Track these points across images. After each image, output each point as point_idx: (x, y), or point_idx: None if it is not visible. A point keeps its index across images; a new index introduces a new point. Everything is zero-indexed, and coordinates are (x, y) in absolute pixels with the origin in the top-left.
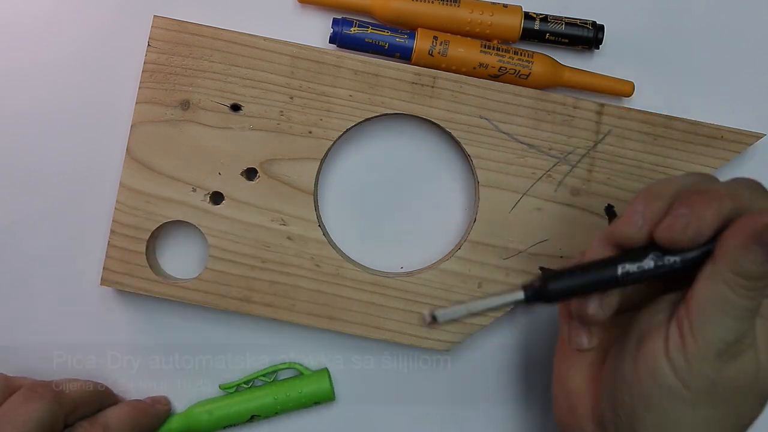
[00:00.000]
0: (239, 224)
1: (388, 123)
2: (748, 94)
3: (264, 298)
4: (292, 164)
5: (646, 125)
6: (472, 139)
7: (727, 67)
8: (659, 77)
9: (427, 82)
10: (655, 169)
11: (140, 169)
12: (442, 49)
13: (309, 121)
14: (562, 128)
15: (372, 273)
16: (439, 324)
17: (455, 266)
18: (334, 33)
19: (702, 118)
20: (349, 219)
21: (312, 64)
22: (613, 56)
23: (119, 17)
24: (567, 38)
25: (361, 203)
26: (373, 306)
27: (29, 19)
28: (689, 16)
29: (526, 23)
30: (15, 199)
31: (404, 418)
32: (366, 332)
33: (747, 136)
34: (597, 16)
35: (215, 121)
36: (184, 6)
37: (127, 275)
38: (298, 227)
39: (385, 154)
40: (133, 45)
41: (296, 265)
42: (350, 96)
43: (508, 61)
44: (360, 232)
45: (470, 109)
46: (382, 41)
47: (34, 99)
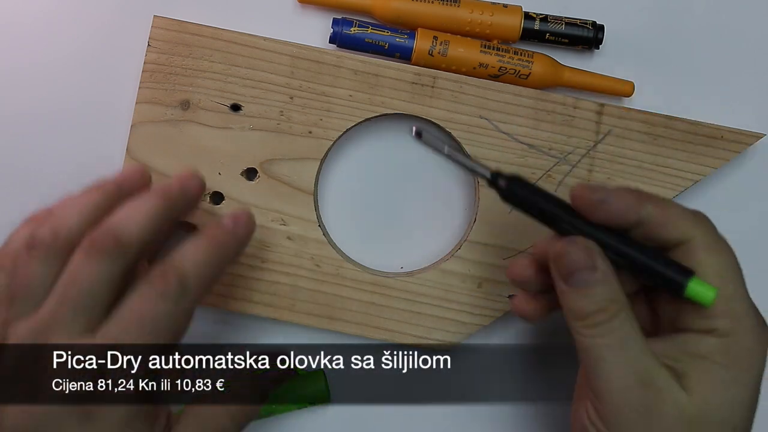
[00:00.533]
0: None
1: (388, 123)
2: (748, 94)
3: (264, 298)
4: (292, 164)
5: (646, 125)
6: (472, 139)
7: (727, 67)
8: (659, 77)
9: (427, 82)
10: (655, 169)
11: None
12: (442, 49)
13: (309, 121)
14: (562, 128)
15: (372, 273)
16: (421, 141)
17: (455, 266)
18: (334, 33)
19: (702, 118)
20: (349, 219)
21: (312, 64)
22: (613, 56)
23: (119, 17)
24: (567, 38)
25: (361, 203)
26: (373, 306)
27: (29, 19)
28: (689, 16)
29: (526, 23)
30: (15, 199)
31: (404, 418)
32: (366, 332)
33: (747, 136)
34: (597, 16)
35: (215, 121)
36: (184, 6)
37: None
38: (298, 227)
39: (385, 154)
40: (133, 45)
41: (296, 265)
42: (350, 96)
43: (508, 61)
44: (360, 232)
45: (470, 109)
46: (382, 41)
47: (35, 99)
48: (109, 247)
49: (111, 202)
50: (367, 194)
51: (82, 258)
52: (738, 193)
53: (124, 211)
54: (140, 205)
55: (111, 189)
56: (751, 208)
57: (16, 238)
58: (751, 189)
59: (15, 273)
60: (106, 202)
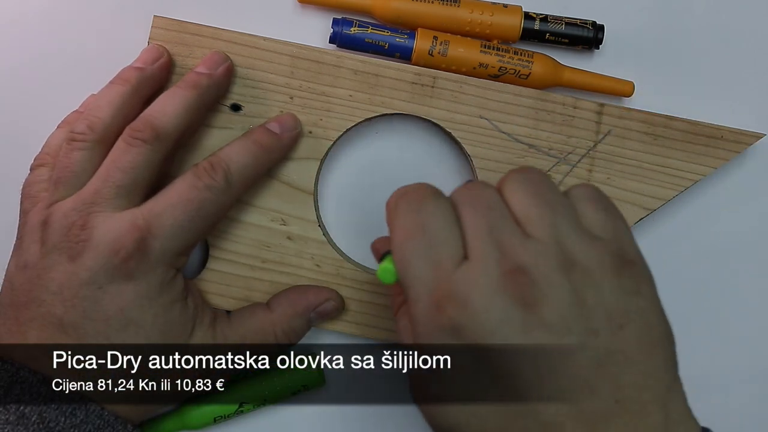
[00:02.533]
0: (239, 224)
1: (388, 123)
2: (748, 94)
3: (264, 298)
4: (292, 164)
5: (646, 125)
6: (472, 139)
7: (727, 67)
8: (659, 77)
9: (427, 82)
10: (655, 169)
11: None
12: (442, 49)
13: (309, 121)
14: (562, 128)
15: (372, 273)
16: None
17: None
18: (334, 33)
19: (702, 118)
20: (349, 219)
21: (312, 64)
22: (613, 56)
23: (119, 17)
24: (567, 38)
25: (361, 203)
26: (373, 306)
27: (29, 19)
28: (689, 16)
29: (526, 23)
30: (17, 200)
31: (404, 418)
32: (366, 332)
33: (747, 136)
34: (597, 16)
35: (215, 121)
36: (184, 6)
37: None
38: (298, 227)
39: (385, 154)
40: (133, 45)
41: (296, 265)
42: (350, 96)
43: (508, 61)
44: (360, 232)
45: (470, 109)
46: (382, 41)
47: (35, 99)
48: (148, 135)
49: (137, 89)
50: (367, 194)
51: (123, 146)
52: (738, 193)
53: (159, 103)
54: (174, 96)
55: (133, 76)
56: (751, 208)
57: (53, 139)
58: (751, 189)
59: (57, 164)
60: (131, 90)
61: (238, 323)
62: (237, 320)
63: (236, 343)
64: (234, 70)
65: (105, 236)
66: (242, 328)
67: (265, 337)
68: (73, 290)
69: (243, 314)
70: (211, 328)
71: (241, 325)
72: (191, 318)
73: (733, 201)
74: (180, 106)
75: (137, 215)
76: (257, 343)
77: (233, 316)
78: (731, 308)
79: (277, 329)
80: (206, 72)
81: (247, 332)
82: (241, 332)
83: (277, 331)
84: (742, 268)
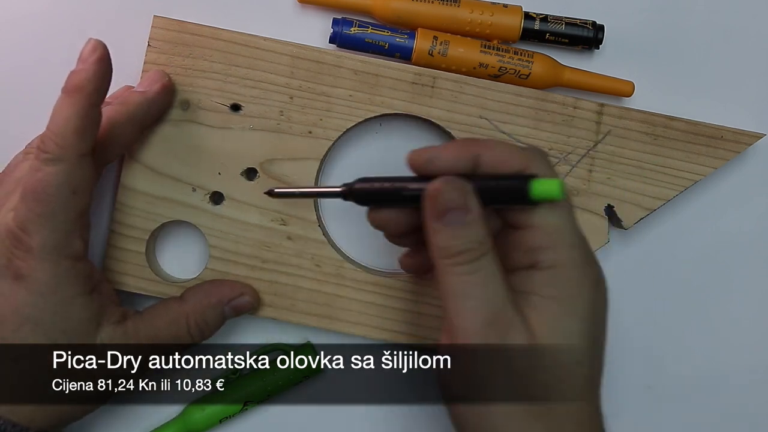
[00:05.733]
0: (239, 224)
1: (388, 123)
2: (748, 94)
3: (264, 298)
4: (292, 164)
5: (646, 125)
6: None
7: (726, 67)
8: (659, 77)
9: (427, 82)
10: (655, 169)
11: (140, 169)
12: (442, 49)
13: (309, 121)
14: (562, 128)
15: (372, 273)
16: (277, 196)
17: None
18: (334, 33)
19: (702, 118)
20: (349, 219)
21: (312, 64)
22: (613, 56)
23: (119, 17)
24: (567, 38)
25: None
26: (373, 306)
27: (29, 19)
28: (689, 16)
29: (526, 23)
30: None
31: (404, 418)
32: (366, 332)
33: (747, 136)
34: (597, 16)
35: (215, 121)
36: (184, 6)
37: (127, 275)
38: (298, 227)
39: (385, 154)
40: (133, 45)
41: (296, 265)
42: (350, 96)
43: (508, 61)
44: (360, 232)
45: (470, 109)
46: (382, 41)
47: (35, 99)
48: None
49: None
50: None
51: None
52: (738, 193)
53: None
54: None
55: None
56: (751, 208)
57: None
58: (751, 189)
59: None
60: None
61: (150, 317)
62: (149, 314)
63: (150, 337)
64: (174, 88)
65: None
66: (155, 320)
67: (178, 329)
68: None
69: (156, 307)
70: (120, 325)
71: (154, 317)
72: (96, 314)
73: (733, 201)
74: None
75: (9, 217)
76: (171, 335)
77: (145, 310)
78: (731, 308)
79: (190, 320)
80: (140, 90)
81: (161, 325)
82: (155, 324)
83: (190, 323)
84: (742, 267)
